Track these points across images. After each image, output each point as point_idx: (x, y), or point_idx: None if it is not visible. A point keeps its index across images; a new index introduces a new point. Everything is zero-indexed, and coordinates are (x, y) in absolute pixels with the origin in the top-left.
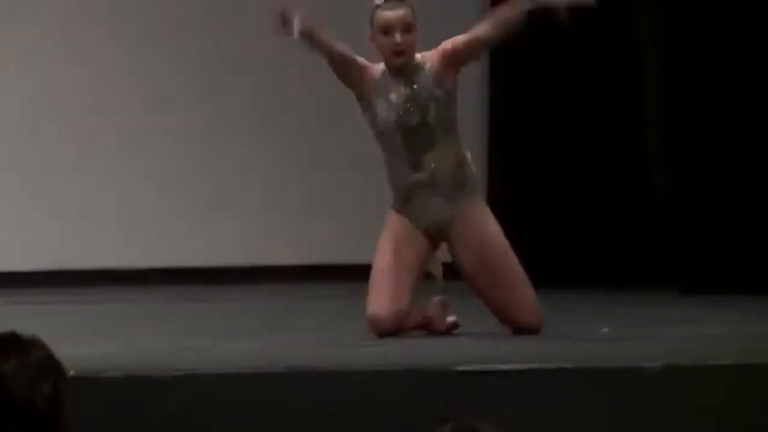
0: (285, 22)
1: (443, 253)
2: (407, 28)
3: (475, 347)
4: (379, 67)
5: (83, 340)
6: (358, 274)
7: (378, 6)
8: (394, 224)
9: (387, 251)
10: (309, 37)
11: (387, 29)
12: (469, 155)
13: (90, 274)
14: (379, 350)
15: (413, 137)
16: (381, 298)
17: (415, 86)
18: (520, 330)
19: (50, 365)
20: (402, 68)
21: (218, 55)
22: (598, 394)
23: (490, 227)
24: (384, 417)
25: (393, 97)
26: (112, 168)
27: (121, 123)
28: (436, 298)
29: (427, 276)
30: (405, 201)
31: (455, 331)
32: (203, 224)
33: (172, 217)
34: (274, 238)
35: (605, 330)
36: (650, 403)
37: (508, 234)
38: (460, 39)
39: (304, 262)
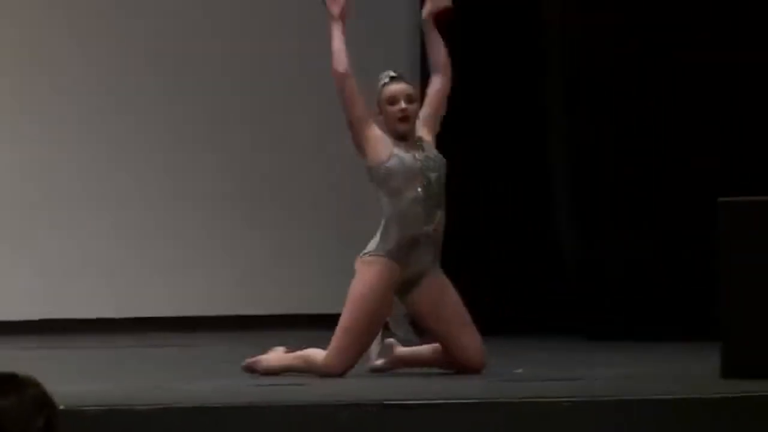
0: None
1: None
2: (410, 99)
3: (402, 384)
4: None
5: (71, 379)
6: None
7: (384, 83)
8: (381, 273)
9: (364, 308)
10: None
11: (393, 100)
12: None
13: (74, 322)
14: (307, 388)
15: (430, 190)
16: (342, 355)
17: (424, 151)
18: (465, 369)
19: (44, 400)
20: (406, 136)
21: (183, 119)
22: (515, 427)
23: (445, 277)
24: None
25: (411, 156)
26: (90, 227)
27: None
28: (389, 341)
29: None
30: (406, 250)
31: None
32: (173, 277)
33: (142, 272)
34: (237, 290)
35: (519, 370)
36: None
37: None
38: (433, 103)
39: (264, 312)
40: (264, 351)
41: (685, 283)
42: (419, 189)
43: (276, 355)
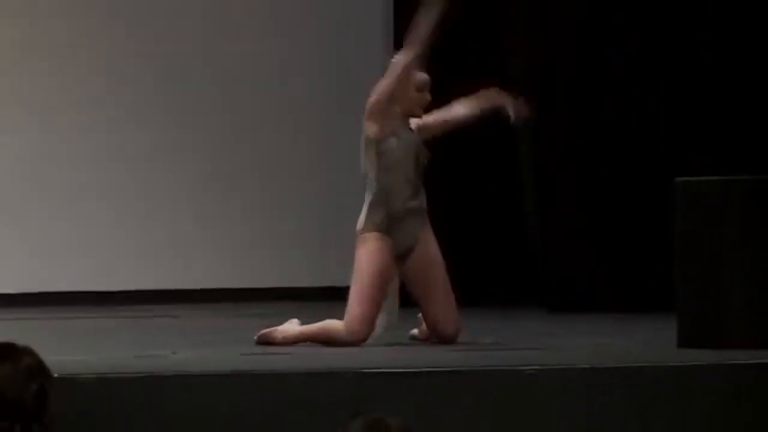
0: None
1: None
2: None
3: (380, 354)
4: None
5: (65, 349)
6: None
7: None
8: (379, 244)
9: (374, 274)
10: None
11: (423, 87)
12: None
13: (69, 295)
14: (293, 356)
15: (418, 168)
16: (364, 321)
17: (413, 134)
18: (439, 339)
19: (38, 368)
20: (408, 120)
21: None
22: (485, 393)
23: (436, 248)
24: (298, 415)
25: (407, 136)
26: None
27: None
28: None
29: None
30: (395, 224)
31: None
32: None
33: (133, 248)
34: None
35: (488, 340)
36: (527, 400)
37: None
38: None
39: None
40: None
41: (642, 257)
42: (411, 166)
43: (293, 327)
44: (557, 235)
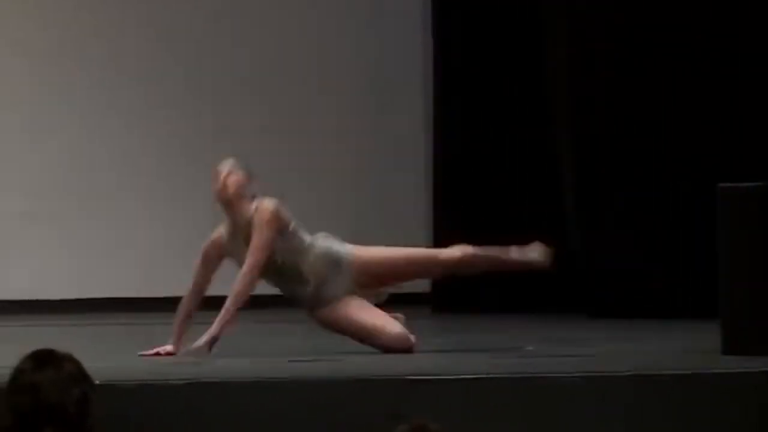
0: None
1: None
2: None
3: (423, 360)
4: None
5: (107, 356)
6: None
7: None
8: None
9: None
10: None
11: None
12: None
13: (108, 301)
14: (338, 363)
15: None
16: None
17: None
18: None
19: (80, 375)
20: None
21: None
22: (526, 400)
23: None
24: (342, 422)
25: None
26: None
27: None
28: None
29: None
30: None
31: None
32: None
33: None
34: None
35: (530, 348)
36: (568, 407)
37: None
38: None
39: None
40: None
41: (686, 263)
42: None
43: None
44: (598, 241)
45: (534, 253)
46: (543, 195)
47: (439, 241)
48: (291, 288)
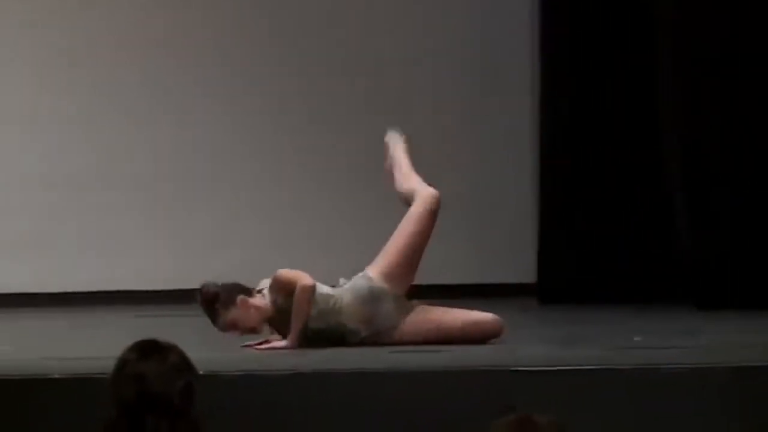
0: None
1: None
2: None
3: (529, 351)
4: None
5: (210, 346)
6: None
7: None
8: None
9: None
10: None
11: None
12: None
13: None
14: (439, 354)
15: None
16: None
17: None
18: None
19: (184, 365)
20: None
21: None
22: (633, 391)
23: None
24: (446, 413)
25: None
26: (224, 203)
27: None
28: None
29: None
30: None
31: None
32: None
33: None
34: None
35: (638, 339)
36: (675, 399)
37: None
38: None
39: None
40: None
41: None
42: None
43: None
44: (706, 230)
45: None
46: (648, 185)
47: (545, 234)
48: (347, 341)
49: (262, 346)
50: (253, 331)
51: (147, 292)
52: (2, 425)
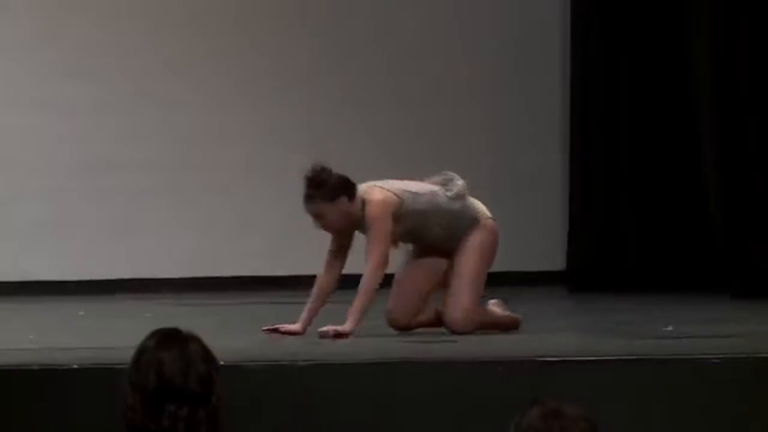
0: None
1: None
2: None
3: (557, 341)
4: None
5: (233, 336)
6: None
7: None
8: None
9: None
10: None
11: None
12: None
13: (235, 280)
14: (463, 345)
15: None
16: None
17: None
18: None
19: (204, 355)
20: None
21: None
22: (663, 382)
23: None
24: (473, 403)
25: None
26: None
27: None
28: (493, 301)
29: None
30: None
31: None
32: None
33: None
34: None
35: (670, 328)
36: (710, 390)
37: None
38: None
39: None
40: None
41: None
42: None
43: None
44: (740, 219)
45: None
46: (684, 174)
47: (575, 222)
48: (426, 239)
49: (285, 328)
50: (330, 231)
51: (164, 280)
52: (23, 415)
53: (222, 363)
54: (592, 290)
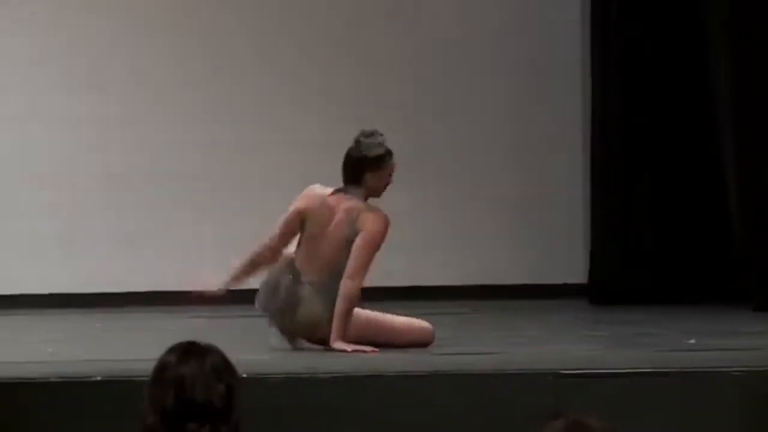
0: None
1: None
2: None
3: (579, 354)
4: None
5: (252, 348)
6: None
7: (391, 154)
8: None
9: None
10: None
11: (392, 173)
12: None
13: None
14: (485, 357)
15: None
16: None
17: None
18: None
19: (224, 367)
20: None
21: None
22: (686, 394)
23: None
24: (496, 415)
25: None
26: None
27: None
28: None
29: None
30: None
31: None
32: None
33: None
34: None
35: (692, 341)
36: (732, 402)
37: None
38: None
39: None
40: None
41: None
42: None
43: None
44: (762, 232)
45: None
46: (703, 187)
47: (597, 235)
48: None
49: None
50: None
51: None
52: (44, 428)
53: (244, 375)
54: (613, 303)
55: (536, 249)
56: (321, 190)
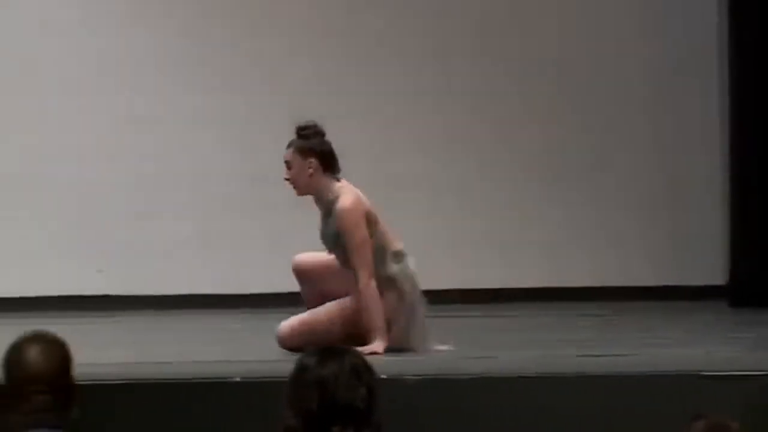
0: None
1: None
2: (288, 165)
3: (713, 355)
4: None
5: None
6: None
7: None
8: None
9: None
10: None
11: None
12: None
13: None
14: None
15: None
16: None
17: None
18: None
19: (364, 369)
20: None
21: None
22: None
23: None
24: (638, 416)
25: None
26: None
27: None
28: None
29: None
30: None
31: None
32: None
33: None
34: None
35: None
36: None
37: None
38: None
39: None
40: None
41: None
42: None
43: None
44: None
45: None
46: None
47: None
48: None
49: None
50: (293, 186)
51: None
52: (183, 427)
53: (383, 377)
54: (753, 305)
55: (675, 251)
56: (352, 186)
